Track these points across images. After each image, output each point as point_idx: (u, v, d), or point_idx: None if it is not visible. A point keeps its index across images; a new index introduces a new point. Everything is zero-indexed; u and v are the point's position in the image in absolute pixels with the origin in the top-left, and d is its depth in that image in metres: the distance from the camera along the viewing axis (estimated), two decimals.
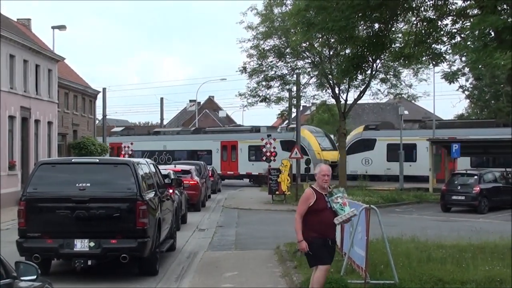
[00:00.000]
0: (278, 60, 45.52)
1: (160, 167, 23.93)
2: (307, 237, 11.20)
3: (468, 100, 66.21)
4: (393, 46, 18.78)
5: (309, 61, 45.55)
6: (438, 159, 48.44)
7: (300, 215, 11.26)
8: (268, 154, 44.92)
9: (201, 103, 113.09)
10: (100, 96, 59.68)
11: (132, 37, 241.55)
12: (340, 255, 15.98)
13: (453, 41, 16.83)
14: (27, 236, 14.99)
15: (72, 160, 16.90)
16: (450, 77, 16.67)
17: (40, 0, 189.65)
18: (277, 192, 39.60)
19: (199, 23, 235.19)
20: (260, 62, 45.28)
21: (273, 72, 45.57)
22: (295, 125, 52.74)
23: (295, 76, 45.58)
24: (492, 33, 15.12)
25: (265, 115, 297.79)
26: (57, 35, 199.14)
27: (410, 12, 17.34)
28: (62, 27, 49.05)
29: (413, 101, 53.09)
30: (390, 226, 21.21)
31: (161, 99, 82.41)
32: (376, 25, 17.51)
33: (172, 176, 26.39)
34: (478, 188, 34.62)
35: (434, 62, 18.87)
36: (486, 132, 47.20)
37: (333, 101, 46.32)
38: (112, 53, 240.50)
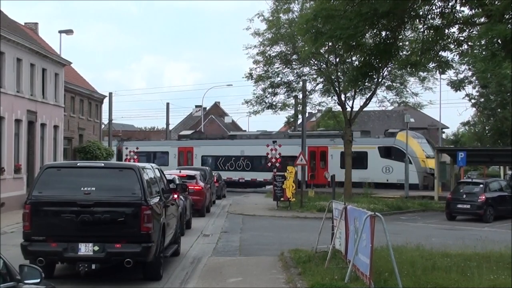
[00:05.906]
0: (284, 67, 45.52)
1: (165, 172, 23.96)
2: None
3: (474, 108, 65.94)
4: (400, 54, 18.74)
5: (315, 67, 45.52)
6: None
7: None
8: (273, 160, 44.94)
9: (207, 109, 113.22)
10: (106, 100, 59.78)
11: (138, 42, 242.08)
12: (345, 262, 15.95)
13: (460, 48, 16.77)
14: (31, 240, 14.99)
15: (78, 164, 16.91)
16: (457, 85, 16.68)
17: (48, 0, 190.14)
18: (282, 199, 39.47)
19: (206, 29, 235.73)
20: (266, 69, 45.27)
21: (279, 79, 45.59)
22: (395, 130, 51.62)
23: (301, 82, 45.56)
24: (500, 42, 15.05)
25: (271, 122, 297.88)
26: (64, 39, 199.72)
27: (417, 20, 17.30)
28: (69, 32, 49.15)
29: (418, 109, 52.95)
30: (395, 234, 21.17)
31: (167, 104, 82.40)
32: (384, 33, 17.48)
33: (177, 181, 26.47)
34: (483, 197, 34.56)
35: (441, 70, 18.85)
36: None
37: (339, 108, 46.24)
38: (119, 58, 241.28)
